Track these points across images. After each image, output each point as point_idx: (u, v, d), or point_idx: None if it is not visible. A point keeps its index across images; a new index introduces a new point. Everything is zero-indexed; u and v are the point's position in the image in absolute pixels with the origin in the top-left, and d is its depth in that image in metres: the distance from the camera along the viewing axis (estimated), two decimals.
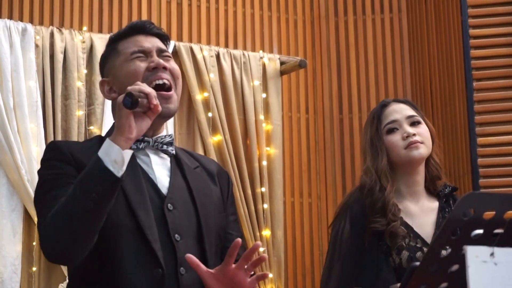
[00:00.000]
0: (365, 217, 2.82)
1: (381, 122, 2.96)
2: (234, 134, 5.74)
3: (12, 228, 4.93)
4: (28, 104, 4.99)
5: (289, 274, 6.03)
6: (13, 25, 5.09)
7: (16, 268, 4.89)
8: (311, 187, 6.27)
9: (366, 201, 2.85)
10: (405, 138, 2.91)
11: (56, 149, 2.35)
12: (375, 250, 2.78)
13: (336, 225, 2.90)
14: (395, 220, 2.80)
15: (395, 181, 2.91)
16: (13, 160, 4.90)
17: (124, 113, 2.19)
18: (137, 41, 2.46)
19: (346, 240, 2.82)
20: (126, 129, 2.19)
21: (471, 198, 1.65)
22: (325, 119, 6.41)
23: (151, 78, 2.38)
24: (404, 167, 2.92)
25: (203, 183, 2.46)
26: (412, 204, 2.91)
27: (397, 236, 2.78)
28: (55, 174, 2.28)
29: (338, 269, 2.80)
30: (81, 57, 5.26)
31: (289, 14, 6.45)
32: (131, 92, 2.17)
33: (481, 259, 1.61)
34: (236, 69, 5.86)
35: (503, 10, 5.65)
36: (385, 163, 2.89)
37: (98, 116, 5.21)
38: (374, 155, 2.92)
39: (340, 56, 6.49)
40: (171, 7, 5.92)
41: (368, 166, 2.92)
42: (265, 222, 5.73)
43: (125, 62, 2.42)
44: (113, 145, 2.16)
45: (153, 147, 2.41)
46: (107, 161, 2.14)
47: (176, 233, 2.31)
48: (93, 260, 2.24)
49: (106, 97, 2.48)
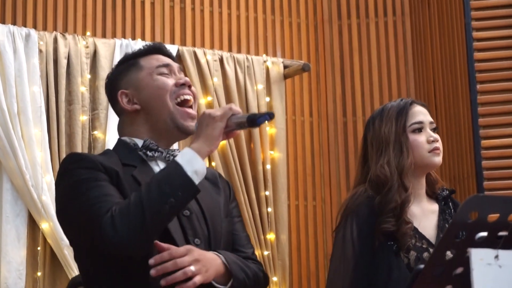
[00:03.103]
0: (374, 218, 2.81)
1: (408, 120, 2.95)
2: (238, 138, 5.74)
3: (17, 233, 4.94)
4: (32, 109, 5.00)
5: (294, 278, 6.03)
6: (16, 30, 5.10)
7: (21, 273, 4.90)
8: (315, 190, 6.27)
9: (379, 199, 2.83)
10: (430, 141, 2.91)
11: (82, 158, 2.36)
12: (386, 250, 2.78)
13: (341, 229, 2.88)
14: (409, 222, 2.80)
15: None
16: (17, 166, 4.90)
17: (218, 126, 2.26)
18: (159, 58, 2.53)
19: (356, 242, 2.80)
20: (215, 142, 2.27)
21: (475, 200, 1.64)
22: (329, 122, 6.41)
23: (178, 93, 2.46)
24: (418, 169, 2.92)
25: (206, 191, 2.47)
26: (415, 206, 2.90)
27: (407, 237, 2.78)
28: (91, 176, 2.28)
29: (351, 270, 2.79)
30: (84, 62, 5.27)
31: (293, 18, 6.46)
32: (272, 113, 2.26)
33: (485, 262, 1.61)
34: (239, 73, 5.87)
35: (507, 12, 5.65)
36: (411, 162, 2.88)
37: (102, 121, 5.22)
38: (399, 152, 2.89)
39: (343, 60, 6.49)
40: (174, 11, 5.93)
41: (389, 160, 2.88)
42: (270, 226, 5.73)
43: (148, 75, 2.48)
44: (196, 156, 2.23)
45: (164, 159, 2.44)
46: (188, 169, 2.20)
47: (196, 238, 2.35)
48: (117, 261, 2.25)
49: (123, 107, 2.49)
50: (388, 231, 2.78)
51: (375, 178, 2.88)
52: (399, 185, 2.83)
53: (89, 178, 2.26)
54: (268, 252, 5.68)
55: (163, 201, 2.15)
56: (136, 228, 2.13)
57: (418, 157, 2.90)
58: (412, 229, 2.80)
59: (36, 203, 4.91)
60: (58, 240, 4.92)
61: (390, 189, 2.83)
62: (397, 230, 2.77)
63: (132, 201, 2.17)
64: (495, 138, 5.48)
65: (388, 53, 6.43)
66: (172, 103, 2.43)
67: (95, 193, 2.23)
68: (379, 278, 2.75)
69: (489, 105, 5.53)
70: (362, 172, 2.98)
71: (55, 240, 4.94)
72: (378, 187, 2.86)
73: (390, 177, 2.84)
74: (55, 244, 4.95)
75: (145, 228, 2.14)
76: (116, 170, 2.30)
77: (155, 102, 2.44)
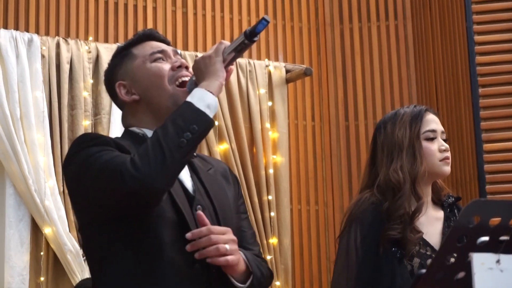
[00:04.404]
0: (378, 225, 2.80)
1: (422, 127, 2.95)
2: (241, 142, 5.75)
3: (20, 238, 4.94)
4: (35, 114, 5.01)
5: (297, 282, 6.03)
6: (19, 35, 5.11)
7: (24, 278, 4.90)
8: (318, 194, 6.27)
9: (387, 204, 2.81)
10: (442, 150, 2.92)
11: (94, 137, 2.32)
12: (390, 256, 2.78)
13: (345, 235, 2.87)
14: (419, 231, 2.80)
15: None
16: (20, 170, 4.91)
17: (216, 61, 2.25)
18: (152, 44, 2.48)
19: (359, 249, 2.80)
20: (221, 74, 2.25)
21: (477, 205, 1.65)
22: (331, 126, 6.41)
23: (176, 75, 2.42)
24: (428, 177, 2.92)
25: (218, 185, 2.46)
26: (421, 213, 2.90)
27: (413, 244, 2.78)
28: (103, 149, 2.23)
29: (354, 277, 2.79)
30: (87, 67, 5.28)
31: (294, 22, 6.46)
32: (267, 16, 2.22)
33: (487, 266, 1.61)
34: (242, 78, 5.88)
35: (508, 16, 5.66)
36: (425, 169, 2.88)
37: (104, 125, 5.23)
38: (412, 157, 2.89)
39: (345, 63, 6.50)
40: (176, 16, 5.94)
41: (402, 166, 2.87)
42: (272, 230, 5.73)
43: (144, 63, 2.43)
44: (205, 91, 2.21)
45: None
46: (200, 105, 2.18)
47: None
48: (132, 249, 2.23)
49: (122, 99, 2.45)
50: (393, 238, 2.78)
51: (385, 183, 2.87)
52: (410, 192, 2.83)
53: (102, 150, 2.21)
54: (271, 257, 5.68)
55: (180, 136, 2.13)
56: (157, 164, 2.10)
57: (430, 165, 2.90)
58: (421, 238, 2.80)
59: (39, 208, 4.91)
60: (61, 245, 4.92)
61: (402, 195, 2.82)
62: (402, 237, 2.77)
63: (150, 142, 2.15)
64: (497, 142, 5.48)
65: (390, 57, 6.43)
66: (171, 86, 2.39)
67: (110, 155, 2.19)
68: (382, 284, 2.75)
69: (491, 109, 5.53)
70: (369, 176, 2.96)
71: (58, 245, 4.95)
72: (387, 192, 2.85)
73: (403, 183, 2.84)
74: (58, 249, 4.96)
75: (166, 164, 2.11)
76: (130, 151, 2.24)
77: (153, 90, 2.39)
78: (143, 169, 2.10)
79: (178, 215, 2.26)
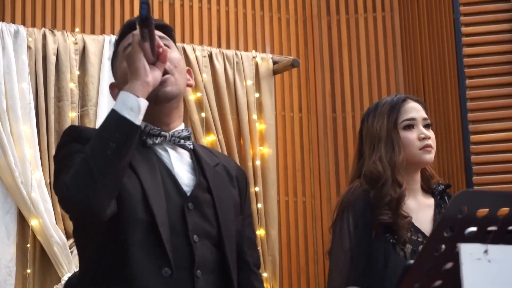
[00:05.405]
0: (370, 211, 2.82)
1: (399, 116, 2.96)
2: (228, 134, 5.74)
3: (6, 230, 4.93)
4: (21, 106, 4.99)
5: (284, 274, 6.04)
6: (5, 27, 5.09)
7: (11, 271, 4.89)
8: (305, 186, 6.27)
9: (373, 193, 2.84)
10: (421, 139, 2.93)
11: (80, 131, 2.30)
12: (382, 242, 2.80)
13: (338, 223, 2.89)
14: (407, 216, 2.82)
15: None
16: (7, 163, 4.89)
17: (137, 57, 2.17)
18: (129, 38, 2.36)
19: (353, 234, 2.82)
20: (141, 71, 2.17)
21: (465, 196, 1.65)
22: (319, 118, 6.41)
23: None
24: (409, 166, 2.93)
25: (222, 183, 2.40)
26: (410, 200, 2.92)
27: (404, 229, 2.80)
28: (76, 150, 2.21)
29: (348, 261, 2.80)
30: (73, 58, 5.26)
31: (282, 14, 6.46)
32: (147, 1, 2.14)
33: (475, 257, 1.61)
34: (229, 69, 5.86)
35: (495, 7, 5.67)
36: (403, 159, 2.89)
37: (91, 117, 5.21)
38: (390, 148, 2.91)
39: (332, 55, 6.50)
40: (163, 7, 5.92)
41: (381, 157, 2.89)
42: (260, 222, 5.73)
43: (122, 60, 2.35)
44: (127, 94, 2.13)
45: (170, 142, 2.34)
46: (122, 109, 2.11)
47: (195, 234, 2.25)
48: (104, 252, 2.21)
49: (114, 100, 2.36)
50: (385, 223, 2.80)
51: (369, 174, 2.91)
52: (392, 180, 2.85)
53: (80, 151, 2.17)
54: (258, 248, 5.68)
55: (106, 148, 2.07)
56: (86, 186, 2.06)
57: (409, 154, 2.92)
58: (410, 222, 2.82)
59: (25, 200, 4.90)
60: (48, 237, 4.91)
61: (384, 184, 2.85)
62: (394, 222, 2.79)
63: (80, 162, 2.11)
64: (484, 133, 5.49)
65: (377, 48, 6.43)
66: None
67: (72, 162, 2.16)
68: (375, 269, 2.77)
69: (478, 100, 5.55)
70: (357, 167, 3.01)
71: (44, 237, 4.93)
72: (372, 182, 2.89)
73: (383, 172, 2.87)
74: (45, 241, 4.94)
75: (96, 183, 2.06)
76: None
77: None
78: (75, 194, 2.07)
79: (151, 215, 2.20)
